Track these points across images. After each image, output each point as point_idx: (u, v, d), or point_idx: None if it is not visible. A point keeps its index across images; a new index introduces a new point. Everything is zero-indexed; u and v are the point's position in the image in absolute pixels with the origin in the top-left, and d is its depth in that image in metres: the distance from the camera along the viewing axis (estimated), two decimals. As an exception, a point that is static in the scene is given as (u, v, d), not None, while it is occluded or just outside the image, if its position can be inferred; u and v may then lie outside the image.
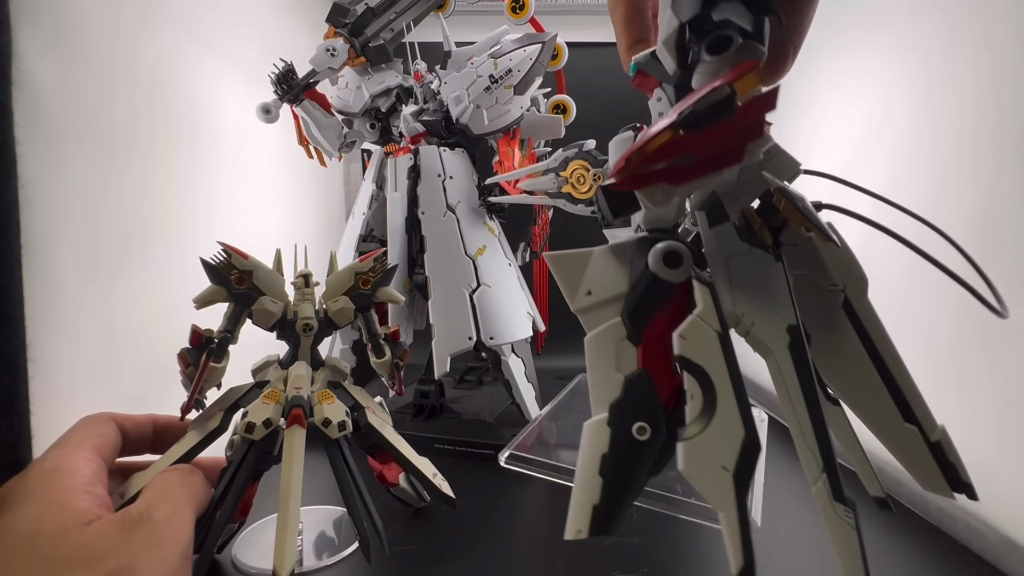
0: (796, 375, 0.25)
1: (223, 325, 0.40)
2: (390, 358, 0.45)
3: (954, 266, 0.27)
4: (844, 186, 0.31)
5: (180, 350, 0.39)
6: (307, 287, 0.42)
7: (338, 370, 0.44)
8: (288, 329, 0.41)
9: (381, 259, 0.44)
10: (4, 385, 0.32)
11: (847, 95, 0.63)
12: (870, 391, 0.27)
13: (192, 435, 0.39)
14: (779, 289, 0.26)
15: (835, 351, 0.28)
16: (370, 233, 0.67)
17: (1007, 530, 0.42)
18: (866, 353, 0.27)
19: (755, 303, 0.26)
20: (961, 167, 0.47)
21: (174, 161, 0.51)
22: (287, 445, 0.37)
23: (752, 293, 0.26)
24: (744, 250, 0.27)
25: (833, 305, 0.28)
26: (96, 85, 0.41)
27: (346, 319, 0.43)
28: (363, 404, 0.43)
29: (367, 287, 0.43)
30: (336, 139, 0.68)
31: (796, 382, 0.25)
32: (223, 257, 0.40)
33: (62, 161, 0.38)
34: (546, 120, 0.67)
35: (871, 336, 0.27)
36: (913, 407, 0.26)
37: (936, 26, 0.50)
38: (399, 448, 0.43)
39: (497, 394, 0.72)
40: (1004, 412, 0.42)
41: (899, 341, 0.26)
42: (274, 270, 0.41)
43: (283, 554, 0.33)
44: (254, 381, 0.42)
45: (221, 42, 0.60)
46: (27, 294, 0.34)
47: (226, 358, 0.40)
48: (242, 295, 0.40)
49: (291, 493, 0.35)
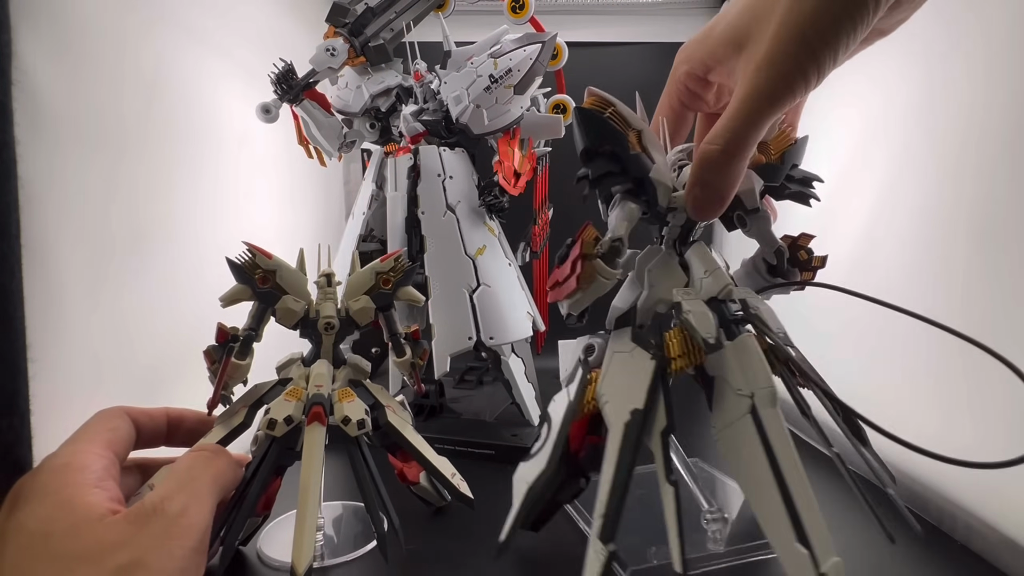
0: (619, 447, 0.32)
1: (247, 323, 0.41)
2: (410, 357, 0.46)
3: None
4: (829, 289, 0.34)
5: (207, 347, 0.40)
6: (329, 286, 0.43)
7: (359, 368, 0.45)
8: (310, 328, 0.42)
9: (401, 259, 0.45)
10: (4, 385, 0.32)
11: (847, 96, 0.63)
12: (767, 503, 0.27)
13: (217, 430, 0.40)
14: (640, 380, 0.33)
15: (740, 456, 0.30)
16: (370, 233, 0.67)
17: (1007, 530, 0.42)
18: (768, 465, 0.28)
19: (615, 388, 0.35)
20: (960, 168, 0.47)
21: (174, 161, 0.51)
22: (307, 442, 0.38)
23: (617, 381, 0.35)
24: (629, 348, 0.35)
25: (741, 410, 0.30)
26: (96, 85, 0.41)
27: (367, 318, 0.43)
28: (383, 403, 0.43)
29: (388, 287, 0.44)
30: (336, 139, 0.68)
31: (616, 454, 0.32)
32: (248, 256, 0.40)
33: (62, 161, 0.38)
34: (546, 120, 0.67)
35: (773, 448, 0.28)
36: (808, 530, 0.26)
37: (935, 28, 0.50)
38: (418, 447, 0.43)
39: (497, 394, 0.72)
40: (1004, 412, 0.42)
41: (901, 344, 0.26)
42: (297, 269, 0.42)
43: (301, 549, 0.34)
44: (278, 378, 0.43)
45: (221, 42, 0.60)
46: (27, 294, 0.34)
47: (250, 355, 0.41)
48: (266, 294, 0.41)
49: (310, 489, 0.36)
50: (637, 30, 1.02)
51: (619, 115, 0.34)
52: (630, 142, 0.34)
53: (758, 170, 0.37)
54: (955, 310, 0.47)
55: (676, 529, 0.30)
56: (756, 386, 0.30)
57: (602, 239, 0.35)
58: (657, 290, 0.36)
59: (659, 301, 0.35)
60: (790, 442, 0.28)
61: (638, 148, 0.34)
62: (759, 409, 0.29)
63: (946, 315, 0.48)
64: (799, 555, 0.25)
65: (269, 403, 0.40)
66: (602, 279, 0.35)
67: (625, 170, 0.34)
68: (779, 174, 0.37)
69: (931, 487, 0.49)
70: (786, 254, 0.37)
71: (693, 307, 0.33)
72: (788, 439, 0.28)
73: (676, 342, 0.33)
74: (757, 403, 0.29)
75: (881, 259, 0.56)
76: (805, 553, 0.25)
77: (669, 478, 0.31)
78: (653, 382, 0.33)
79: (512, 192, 0.60)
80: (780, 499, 0.27)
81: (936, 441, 0.25)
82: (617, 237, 0.35)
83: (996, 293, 0.43)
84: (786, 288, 0.38)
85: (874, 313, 0.31)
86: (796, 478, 0.27)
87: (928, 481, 0.49)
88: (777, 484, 0.27)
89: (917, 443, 0.26)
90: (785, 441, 0.28)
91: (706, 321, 0.32)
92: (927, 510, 0.49)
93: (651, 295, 0.36)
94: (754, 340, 0.31)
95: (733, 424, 0.30)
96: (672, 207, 0.36)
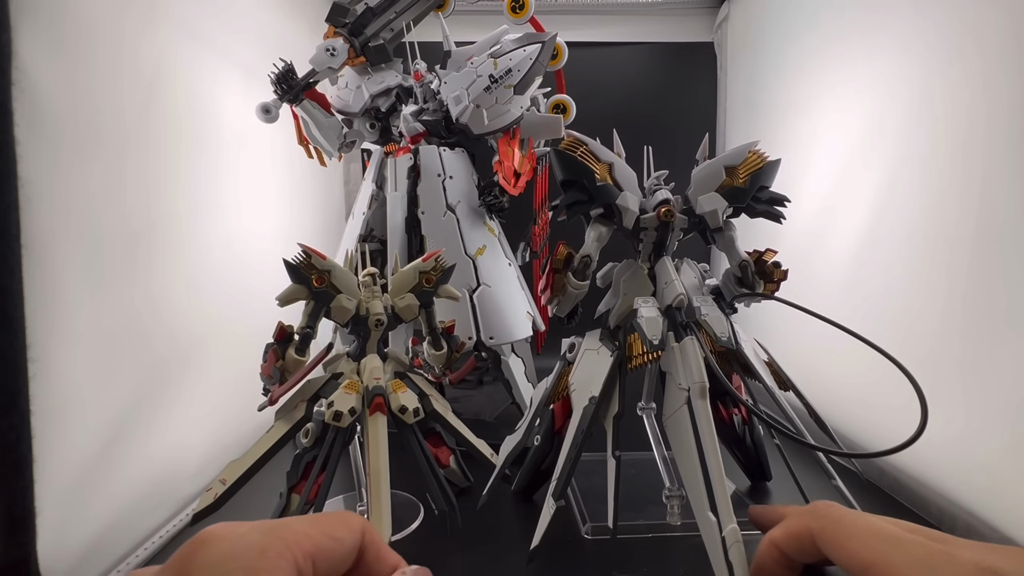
0: (578, 424, 0.40)
1: (303, 322, 0.43)
2: (447, 351, 0.49)
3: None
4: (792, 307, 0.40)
5: (268, 345, 0.43)
6: (375, 285, 0.45)
7: (401, 361, 0.48)
8: (361, 324, 0.44)
9: (441, 259, 0.47)
10: (4, 385, 0.32)
11: (845, 100, 0.64)
12: (693, 479, 0.34)
13: (281, 424, 0.43)
14: (599, 373, 0.41)
15: (678, 440, 0.36)
16: (370, 233, 0.67)
17: (1007, 530, 0.41)
18: (695, 448, 0.34)
19: (580, 379, 0.42)
20: (956, 170, 0.47)
21: (174, 161, 0.51)
22: (372, 431, 0.41)
23: (583, 372, 0.43)
24: (596, 346, 0.43)
25: (680, 401, 0.36)
26: (96, 85, 0.41)
27: (411, 315, 0.46)
28: (427, 392, 0.46)
29: (430, 285, 0.47)
30: (336, 139, 0.68)
31: (576, 427, 0.40)
32: (303, 258, 0.42)
33: (62, 161, 0.37)
34: (546, 120, 0.67)
35: (700, 434, 0.35)
36: (718, 503, 0.33)
37: (931, 33, 0.50)
38: (461, 431, 0.47)
39: (497, 394, 0.72)
40: (1004, 413, 0.42)
41: (901, 343, 0.27)
42: (348, 270, 0.45)
43: (380, 527, 0.38)
44: (328, 374, 0.45)
45: (220, 41, 0.60)
46: (27, 294, 0.34)
47: (307, 352, 0.44)
48: (321, 293, 0.43)
49: (381, 473, 0.39)
50: (637, 30, 1.02)
51: (589, 153, 0.42)
52: (598, 175, 0.42)
53: (726, 192, 0.43)
54: (956, 312, 0.47)
55: (613, 493, 0.38)
56: (691, 381, 0.36)
57: (575, 255, 0.44)
58: (628, 298, 0.43)
59: (628, 307, 0.42)
60: (713, 430, 0.34)
61: (608, 179, 0.42)
62: (692, 400, 0.36)
63: (948, 316, 0.48)
64: (710, 521, 0.32)
65: (325, 397, 0.42)
66: (571, 289, 0.44)
67: (592, 198, 0.42)
68: (745, 196, 0.42)
69: (931, 487, 0.49)
70: (750, 267, 0.43)
71: (646, 313, 0.40)
72: (711, 428, 0.34)
73: (637, 343, 0.39)
74: (691, 395, 0.36)
75: (882, 259, 0.56)
76: (714, 520, 0.32)
77: (614, 453, 0.39)
78: (610, 375, 0.40)
79: (512, 192, 0.60)
80: (702, 477, 0.33)
81: (934, 441, 0.25)
82: (586, 254, 0.44)
83: (996, 293, 0.43)
84: (751, 299, 0.43)
85: (888, 316, 0.31)
86: (714, 460, 0.33)
87: (928, 481, 0.49)
88: (700, 464, 0.34)
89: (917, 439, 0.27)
90: (710, 429, 0.34)
91: (654, 325, 0.39)
92: (927, 510, 0.49)
93: (623, 302, 0.43)
94: (694, 343, 0.37)
95: (674, 414, 0.37)
96: (643, 227, 0.43)
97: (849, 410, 0.59)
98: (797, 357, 0.61)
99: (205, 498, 0.41)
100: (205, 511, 0.40)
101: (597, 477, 0.46)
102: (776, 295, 0.43)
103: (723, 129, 1.00)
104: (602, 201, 0.42)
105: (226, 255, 0.59)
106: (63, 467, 0.37)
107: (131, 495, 0.43)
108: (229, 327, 0.57)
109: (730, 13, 0.96)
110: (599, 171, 0.42)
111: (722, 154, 0.44)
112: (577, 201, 0.42)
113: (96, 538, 0.39)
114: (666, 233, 0.43)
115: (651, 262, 0.44)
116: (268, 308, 0.44)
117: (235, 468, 0.42)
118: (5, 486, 0.33)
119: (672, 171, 0.45)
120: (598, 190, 0.42)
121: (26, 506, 0.34)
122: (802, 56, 0.74)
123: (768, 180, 0.43)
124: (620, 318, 0.43)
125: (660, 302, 0.41)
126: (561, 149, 0.43)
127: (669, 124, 1.02)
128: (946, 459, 0.47)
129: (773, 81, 0.82)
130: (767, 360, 0.45)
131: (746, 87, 0.93)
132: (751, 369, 0.42)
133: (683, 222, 0.44)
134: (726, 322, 0.41)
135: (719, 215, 0.42)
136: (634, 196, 0.43)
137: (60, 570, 0.36)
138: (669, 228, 0.43)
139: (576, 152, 0.42)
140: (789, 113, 0.76)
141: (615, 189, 0.42)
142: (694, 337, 0.38)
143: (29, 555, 0.34)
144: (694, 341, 0.37)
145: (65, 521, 0.37)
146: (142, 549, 0.43)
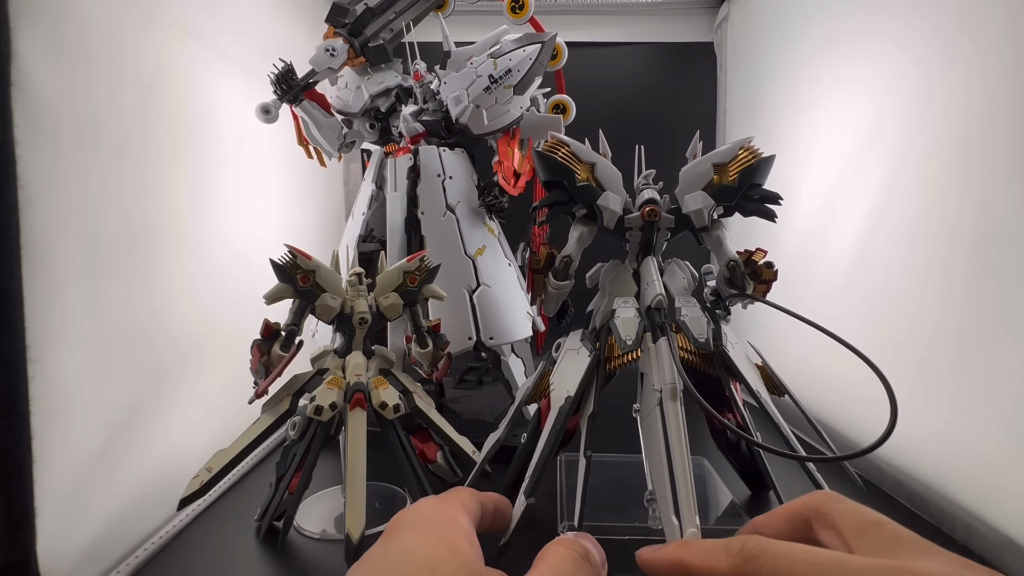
0: (552, 423, 0.39)
1: (289, 319, 0.45)
2: (432, 348, 0.49)
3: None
4: (778, 314, 0.38)
5: (254, 341, 0.44)
6: (360, 284, 0.46)
7: (386, 358, 0.48)
8: (345, 322, 0.46)
9: (425, 260, 0.48)
10: (4, 385, 0.33)
11: (844, 101, 0.64)
12: (660, 482, 0.33)
13: (266, 417, 0.44)
14: (577, 373, 0.40)
15: (649, 442, 0.35)
16: (370, 233, 0.67)
17: (1007, 530, 0.41)
18: (664, 450, 0.33)
19: (562, 378, 0.42)
20: (954, 170, 0.47)
21: (174, 161, 0.51)
22: (351, 426, 0.42)
23: (563, 372, 0.42)
24: (577, 347, 0.43)
25: (653, 403, 0.35)
26: (96, 85, 0.41)
27: (395, 313, 0.47)
28: (410, 389, 0.47)
29: (414, 284, 0.48)
30: (336, 139, 0.68)
31: (552, 424, 0.39)
32: (289, 258, 0.44)
33: (62, 161, 0.37)
34: (546, 120, 0.67)
35: (669, 437, 0.33)
36: (681, 505, 0.31)
37: (930, 34, 0.50)
38: (444, 428, 0.47)
39: (497, 394, 0.72)
40: (1004, 413, 0.42)
41: (901, 342, 0.27)
42: (333, 269, 0.46)
43: (355, 520, 0.39)
44: (314, 369, 0.47)
45: (220, 41, 0.60)
46: (27, 294, 0.34)
47: (293, 348, 0.45)
48: (307, 292, 0.44)
49: (357, 468, 0.40)
50: (637, 30, 1.02)
51: (571, 154, 0.43)
52: (579, 176, 0.42)
53: (714, 191, 0.42)
54: (955, 311, 0.47)
55: (581, 491, 0.36)
56: (663, 383, 0.35)
57: (557, 255, 0.45)
58: (612, 298, 0.43)
59: (611, 307, 0.42)
60: (682, 433, 0.33)
61: (590, 179, 0.42)
62: (663, 402, 0.34)
63: (947, 316, 0.48)
64: (672, 524, 0.31)
65: (309, 392, 0.43)
66: (551, 289, 0.44)
67: (573, 199, 0.42)
68: (733, 194, 0.42)
69: (932, 487, 0.49)
70: (739, 267, 0.43)
71: (623, 314, 0.40)
72: (680, 430, 0.33)
73: (617, 344, 0.39)
74: (663, 397, 0.35)
75: (881, 259, 0.56)
76: (676, 524, 0.31)
77: (586, 452, 0.38)
78: (587, 375, 0.40)
79: (512, 192, 0.60)
80: (668, 480, 0.32)
81: (934, 441, 0.25)
82: (566, 255, 0.44)
83: (995, 292, 0.43)
84: (738, 299, 0.43)
85: (886, 316, 0.31)
86: (680, 465, 0.32)
87: (929, 481, 0.49)
88: (668, 467, 0.33)
89: (917, 438, 0.27)
90: (678, 432, 0.33)
91: (630, 326, 0.38)
92: (927, 510, 0.49)
93: (607, 302, 0.43)
94: (666, 344, 0.37)
95: (648, 415, 0.36)
96: (628, 227, 0.43)
97: (850, 409, 0.59)
98: (797, 357, 0.61)
99: (191, 484, 0.43)
100: (191, 497, 0.42)
101: (591, 478, 0.46)
102: (766, 296, 0.42)
103: (723, 129, 1.00)
104: (582, 201, 0.42)
105: (225, 256, 0.59)
106: (62, 468, 0.37)
107: (130, 496, 0.43)
108: (228, 328, 0.57)
109: (730, 13, 0.96)
110: (580, 171, 0.42)
111: (711, 151, 0.43)
112: (558, 201, 0.43)
113: (95, 539, 0.39)
114: (652, 233, 0.43)
115: (638, 262, 0.44)
116: (267, 309, 0.44)
117: (221, 457, 0.43)
118: (5, 487, 0.33)
119: (672, 171, 0.45)
120: (578, 190, 0.42)
121: (26, 507, 0.34)
122: (802, 56, 0.74)
123: (761, 178, 0.42)
124: (604, 318, 0.43)
125: (641, 303, 0.41)
126: (542, 150, 0.43)
127: (669, 124, 1.02)
128: (946, 459, 0.47)
129: (773, 81, 0.82)
130: (760, 364, 0.45)
131: (746, 87, 0.93)
132: (735, 372, 0.41)
133: (669, 222, 0.43)
134: (706, 323, 0.40)
135: (704, 214, 0.42)
136: (616, 196, 0.43)
137: (60, 570, 0.36)
138: (655, 228, 0.43)
139: (557, 153, 0.43)
140: (789, 113, 0.77)
141: (596, 189, 0.43)
142: (667, 338, 0.37)
143: (29, 556, 0.34)
144: (667, 343, 0.37)
145: (65, 522, 0.37)
146: (141, 550, 0.43)
